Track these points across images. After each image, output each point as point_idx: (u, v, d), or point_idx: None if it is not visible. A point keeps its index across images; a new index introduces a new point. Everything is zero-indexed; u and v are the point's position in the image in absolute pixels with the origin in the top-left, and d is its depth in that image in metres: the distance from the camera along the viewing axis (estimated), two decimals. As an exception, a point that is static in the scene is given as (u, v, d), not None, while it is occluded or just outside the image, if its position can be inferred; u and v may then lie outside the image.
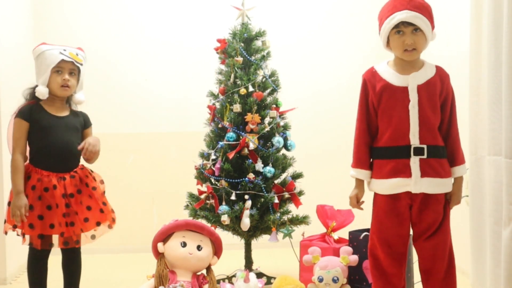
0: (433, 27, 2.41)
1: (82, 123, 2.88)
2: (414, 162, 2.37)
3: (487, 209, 2.76)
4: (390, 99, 2.40)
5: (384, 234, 2.44)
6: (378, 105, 2.44)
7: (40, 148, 2.74)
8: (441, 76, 2.44)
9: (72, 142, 2.78)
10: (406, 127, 2.38)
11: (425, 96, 2.39)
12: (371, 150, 2.49)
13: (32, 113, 2.74)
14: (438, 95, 2.41)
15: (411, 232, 2.50)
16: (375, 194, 2.49)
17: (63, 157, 2.75)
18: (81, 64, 2.83)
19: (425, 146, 2.37)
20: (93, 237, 2.87)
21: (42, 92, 2.73)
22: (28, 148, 2.77)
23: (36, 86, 2.77)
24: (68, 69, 2.77)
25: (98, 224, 2.81)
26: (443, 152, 2.43)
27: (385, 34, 2.42)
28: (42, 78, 2.75)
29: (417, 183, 2.36)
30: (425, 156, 2.37)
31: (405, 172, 2.37)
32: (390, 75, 2.43)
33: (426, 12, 2.38)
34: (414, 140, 2.37)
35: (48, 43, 2.84)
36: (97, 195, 2.81)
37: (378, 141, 2.45)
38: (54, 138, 2.74)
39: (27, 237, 2.73)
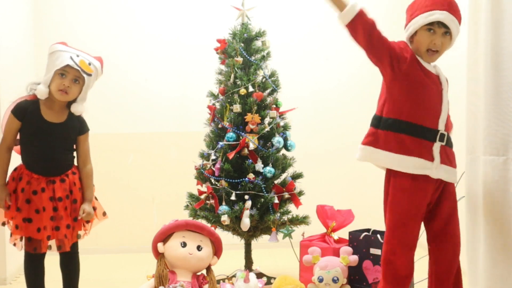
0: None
1: (76, 130, 2.79)
2: (437, 147, 2.34)
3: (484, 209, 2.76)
4: (423, 75, 2.33)
5: (409, 239, 2.33)
6: (400, 67, 2.31)
7: (28, 152, 2.71)
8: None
9: (55, 151, 2.70)
10: (437, 111, 2.35)
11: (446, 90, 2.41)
12: (380, 120, 2.40)
13: (27, 113, 2.68)
14: None
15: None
16: (395, 186, 2.34)
17: (48, 164, 2.69)
18: (89, 75, 2.70)
19: (446, 134, 2.37)
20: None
21: (42, 91, 2.67)
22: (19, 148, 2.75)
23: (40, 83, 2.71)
24: (72, 75, 2.67)
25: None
26: (452, 143, 2.45)
27: (415, 27, 2.35)
28: (46, 77, 2.68)
29: (437, 168, 2.33)
30: (444, 143, 2.36)
31: (428, 155, 2.32)
32: (419, 57, 2.39)
33: (460, 19, 2.37)
34: (442, 126, 2.35)
35: (67, 45, 2.76)
36: (76, 205, 2.74)
37: (400, 114, 2.33)
38: (39, 145, 2.68)
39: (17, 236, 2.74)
